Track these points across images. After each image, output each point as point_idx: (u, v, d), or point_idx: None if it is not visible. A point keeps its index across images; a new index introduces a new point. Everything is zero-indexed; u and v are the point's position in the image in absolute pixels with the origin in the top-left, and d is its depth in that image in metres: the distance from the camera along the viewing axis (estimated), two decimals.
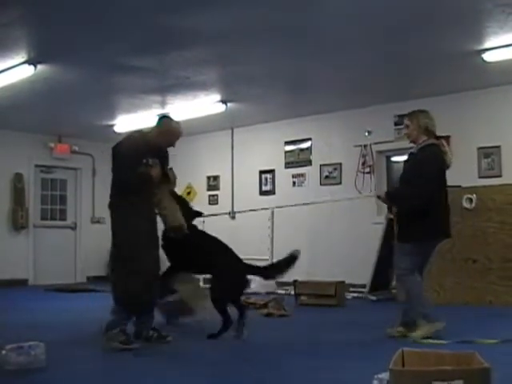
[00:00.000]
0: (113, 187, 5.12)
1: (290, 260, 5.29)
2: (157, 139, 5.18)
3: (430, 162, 5.13)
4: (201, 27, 6.11)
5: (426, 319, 4.99)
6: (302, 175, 10.65)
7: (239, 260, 5.37)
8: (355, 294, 8.60)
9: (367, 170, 9.73)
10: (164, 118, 5.38)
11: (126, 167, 4.97)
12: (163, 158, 5.25)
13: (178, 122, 5.41)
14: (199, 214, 5.82)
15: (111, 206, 5.09)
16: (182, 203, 5.64)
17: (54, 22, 6.02)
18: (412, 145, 5.40)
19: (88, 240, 12.56)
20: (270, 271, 5.51)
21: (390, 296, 8.44)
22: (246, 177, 11.31)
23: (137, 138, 5.19)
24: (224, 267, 5.23)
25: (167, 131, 5.24)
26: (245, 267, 5.34)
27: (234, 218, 11.19)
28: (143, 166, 4.99)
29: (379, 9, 5.75)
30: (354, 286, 8.74)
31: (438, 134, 7.53)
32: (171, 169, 5.46)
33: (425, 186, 4.99)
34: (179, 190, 7.34)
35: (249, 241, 9.83)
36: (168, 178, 5.32)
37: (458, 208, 7.62)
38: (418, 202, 4.99)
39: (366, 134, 9.72)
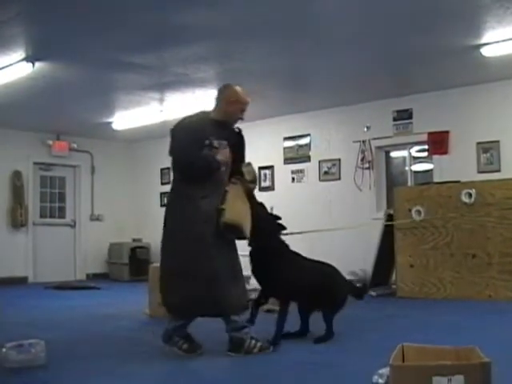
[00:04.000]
0: (173, 173, 4.46)
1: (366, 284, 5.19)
2: (220, 114, 4.41)
3: None
4: (199, 24, 6.10)
5: None
6: (301, 171, 10.65)
7: (343, 279, 5.08)
8: None
9: (366, 165, 9.73)
10: (222, 87, 4.57)
11: (183, 149, 4.25)
12: (237, 144, 4.46)
13: (237, 86, 4.54)
14: (283, 228, 4.91)
15: (168, 195, 4.56)
16: (263, 215, 4.75)
17: (53, 20, 6.01)
18: None
19: (87, 237, 12.57)
20: (363, 292, 5.42)
21: (389, 291, 8.44)
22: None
23: (198, 116, 4.47)
24: (333, 295, 4.85)
25: (225, 101, 4.43)
26: (349, 287, 5.15)
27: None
28: (206, 148, 4.24)
29: (378, 5, 5.74)
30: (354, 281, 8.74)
31: (438, 129, 7.54)
32: (249, 164, 4.57)
33: None
34: None
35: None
36: (242, 173, 4.46)
37: (457, 203, 7.64)
38: None
39: (365, 129, 9.72)
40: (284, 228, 4.90)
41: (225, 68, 7.81)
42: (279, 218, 4.94)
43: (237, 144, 4.48)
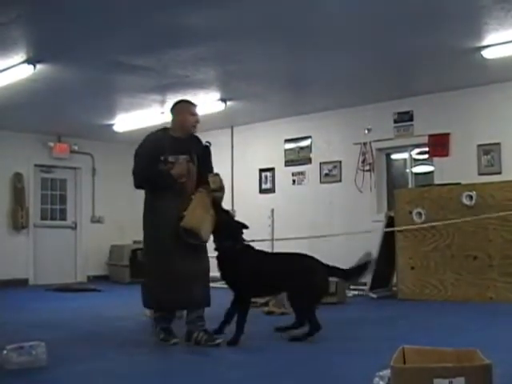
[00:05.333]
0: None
1: (368, 264, 5.20)
2: (175, 129, 4.90)
3: None
4: (200, 25, 6.10)
5: None
6: (301, 173, 10.65)
7: (317, 262, 5.12)
8: (356, 292, 8.60)
9: (367, 167, 9.73)
10: (173, 104, 5.05)
11: (139, 167, 4.84)
12: (203, 156, 4.93)
13: (187, 101, 5.07)
14: (246, 227, 5.19)
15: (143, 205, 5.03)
16: (226, 219, 5.08)
17: (53, 22, 6.01)
18: None
19: (88, 239, 12.57)
20: (351, 274, 5.35)
21: (390, 293, 8.45)
22: (246, 175, 11.30)
23: (157, 134, 4.94)
24: (302, 279, 4.95)
25: (177, 116, 4.94)
26: (325, 269, 5.12)
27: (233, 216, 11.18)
28: (162, 164, 4.73)
29: (379, 7, 5.74)
30: (354, 283, 8.74)
31: (438, 131, 7.56)
32: (216, 174, 4.95)
33: None
34: None
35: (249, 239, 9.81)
36: (207, 183, 4.82)
37: (458, 205, 7.64)
38: None
39: (366, 131, 9.72)
40: (246, 227, 5.17)
41: (225, 70, 7.82)
42: (245, 226, 5.20)
43: (202, 156, 4.96)
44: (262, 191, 11.20)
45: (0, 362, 4.04)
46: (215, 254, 5.00)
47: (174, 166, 4.74)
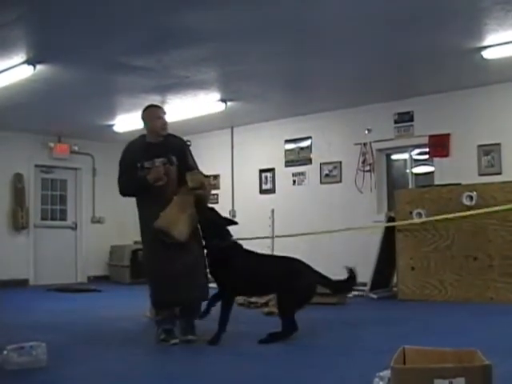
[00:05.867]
0: None
1: (354, 278, 5.21)
2: (148, 134, 5.06)
3: None
4: (200, 26, 6.10)
5: None
6: (302, 174, 10.65)
7: (305, 267, 5.12)
8: (356, 293, 8.57)
9: (367, 168, 9.73)
10: (143, 111, 5.17)
11: (120, 176, 5.06)
12: (180, 156, 5.01)
13: (151, 105, 5.22)
14: (234, 223, 5.26)
15: None
16: (211, 217, 5.09)
17: (54, 22, 6.02)
18: None
19: (88, 240, 12.57)
20: (340, 286, 5.38)
21: (390, 294, 8.45)
22: (246, 176, 11.31)
23: (134, 142, 5.13)
24: (287, 281, 4.95)
25: (146, 121, 5.07)
26: (312, 274, 5.12)
27: (234, 217, 11.19)
28: (139, 171, 4.90)
29: (379, 7, 5.75)
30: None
31: (438, 131, 7.53)
32: (195, 173, 4.97)
33: None
34: None
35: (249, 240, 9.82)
36: (185, 179, 4.87)
37: (459, 205, 7.64)
38: None
39: (366, 132, 9.72)
40: (235, 223, 5.22)
41: (226, 70, 7.83)
42: (231, 222, 5.26)
43: (179, 155, 5.03)
44: (262, 192, 11.20)
45: (0, 362, 4.04)
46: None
47: (149, 172, 4.87)
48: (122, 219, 12.84)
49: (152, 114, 5.06)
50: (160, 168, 4.89)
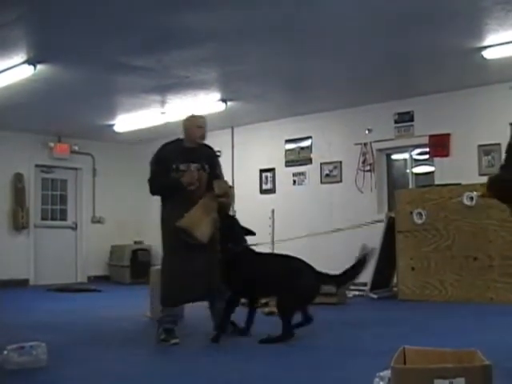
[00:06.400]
0: None
1: (362, 262, 5.19)
2: (186, 140, 5.31)
3: None
4: (200, 26, 6.10)
5: None
6: (302, 174, 10.65)
7: (311, 270, 5.15)
8: (356, 292, 8.60)
9: (367, 168, 9.72)
10: (185, 118, 5.44)
11: (153, 174, 5.26)
12: (211, 164, 5.32)
13: (194, 115, 5.46)
14: (252, 233, 5.48)
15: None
16: (230, 224, 5.36)
17: (54, 22, 6.02)
18: None
19: (88, 240, 12.57)
20: (342, 279, 5.36)
21: (390, 294, 8.44)
22: (247, 176, 11.30)
23: (171, 144, 5.36)
24: (293, 284, 5.01)
25: (185, 128, 5.33)
26: (317, 277, 5.16)
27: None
28: (174, 172, 5.10)
29: (379, 7, 5.74)
30: (355, 284, 8.72)
31: (439, 131, 7.50)
32: (222, 181, 5.31)
33: None
34: None
35: (249, 239, 9.82)
36: (213, 188, 5.13)
37: (459, 205, 7.63)
38: None
39: (367, 132, 9.72)
40: (252, 233, 5.45)
41: (226, 70, 7.82)
42: (249, 231, 5.49)
43: (211, 164, 5.33)
44: (262, 192, 11.20)
45: (0, 362, 4.04)
46: None
47: (184, 174, 5.08)
48: (122, 219, 12.87)
49: (194, 122, 5.32)
50: (194, 173, 5.13)
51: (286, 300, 5.01)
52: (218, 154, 5.57)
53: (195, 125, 5.31)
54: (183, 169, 5.12)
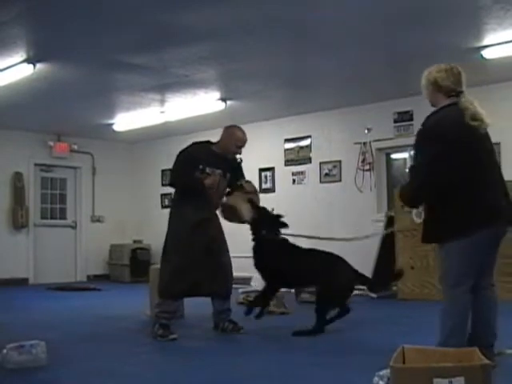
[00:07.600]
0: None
1: (397, 276, 5.60)
2: (220, 148, 5.48)
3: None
4: (199, 24, 6.10)
5: None
6: (301, 173, 10.65)
7: (348, 267, 5.38)
8: (356, 292, 8.57)
9: (367, 167, 9.71)
10: (227, 127, 5.60)
11: (178, 167, 5.38)
12: (235, 170, 5.58)
13: (238, 128, 5.58)
14: (285, 225, 5.73)
15: (171, 202, 5.69)
16: (263, 213, 5.69)
17: (53, 21, 6.01)
18: None
19: (88, 239, 12.57)
20: (377, 284, 5.69)
21: (390, 293, 8.44)
22: (246, 174, 11.26)
23: (200, 145, 5.54)
24: (331, 278, 5.22)
25: (224, 138, 5.49)
26: (354, 276, 5.39)
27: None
28: (198, 172, 5.27)
29: (379, 6, 5.74)
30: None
31: None
32: (249, 182, 5.76)
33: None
34: None
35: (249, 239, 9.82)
36: (242, 187, 5.57)
37: None
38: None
39: (366, 131, 9.71)
40: (285, 226, 5.67)
41: (225, 69, 7.81)
42: (284, 223, 5.72)
43: (235, 171, 5.61)
44: (261, 191, 11.17)
45: (0, 360, 4.04)
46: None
47: (208, 177, 5.28)
48: (122, 218, 12.88)
49: (236, 138, 5.47)
50: (217, 178, 5.35)
51: (326, 291, 5.20)
52: (238, 160, 5.77)
53: (236, 144, 5.45)
54: (208, 172, 5.31)
